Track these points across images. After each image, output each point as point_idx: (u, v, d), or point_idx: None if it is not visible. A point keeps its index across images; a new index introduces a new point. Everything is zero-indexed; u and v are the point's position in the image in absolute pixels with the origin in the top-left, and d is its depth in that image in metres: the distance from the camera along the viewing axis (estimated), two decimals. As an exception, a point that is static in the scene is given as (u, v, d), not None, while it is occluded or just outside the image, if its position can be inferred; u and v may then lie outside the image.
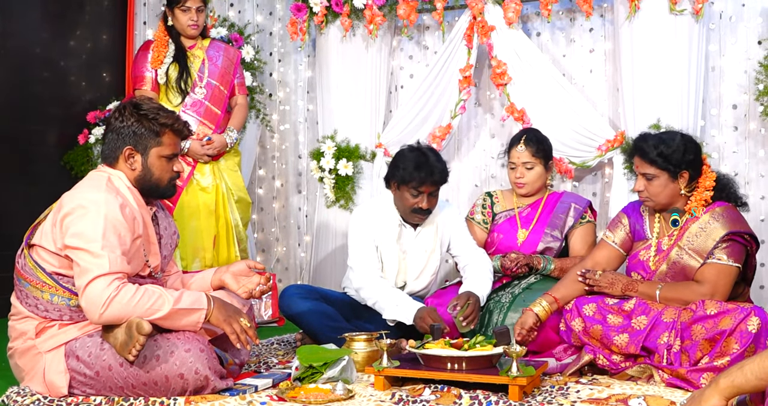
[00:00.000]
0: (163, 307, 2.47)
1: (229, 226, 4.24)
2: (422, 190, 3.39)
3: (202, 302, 2.55)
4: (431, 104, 4.53)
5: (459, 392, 2.55)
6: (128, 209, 2.56)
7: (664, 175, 2.87)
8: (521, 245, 3.61)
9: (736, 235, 2.83)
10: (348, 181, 4.68)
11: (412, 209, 3.44)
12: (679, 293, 2.82)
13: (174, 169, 2.70)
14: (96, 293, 2.41)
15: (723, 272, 2.81)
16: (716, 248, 2.83)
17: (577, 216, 3.63)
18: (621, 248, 3.08)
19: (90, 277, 2.42)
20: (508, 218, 3.69)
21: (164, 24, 4.21)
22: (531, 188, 3.64)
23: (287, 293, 3.51)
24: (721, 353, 2.61)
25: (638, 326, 2.81)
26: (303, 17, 4.71)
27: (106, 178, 2.61)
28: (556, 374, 2.90)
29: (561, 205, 3.65)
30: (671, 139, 2.90)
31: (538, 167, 3.61)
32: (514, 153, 3.63)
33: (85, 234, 2.45)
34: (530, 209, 3.67)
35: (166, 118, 2.65)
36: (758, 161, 4.13)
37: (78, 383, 2.53)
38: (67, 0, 5.30)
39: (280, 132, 5.29)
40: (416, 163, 3.37)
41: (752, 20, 4.13)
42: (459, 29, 4.41)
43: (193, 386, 2.48)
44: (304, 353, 2.82)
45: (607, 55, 4.40)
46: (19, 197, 4.80)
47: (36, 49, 5.05)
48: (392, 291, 3.42)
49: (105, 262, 2.43)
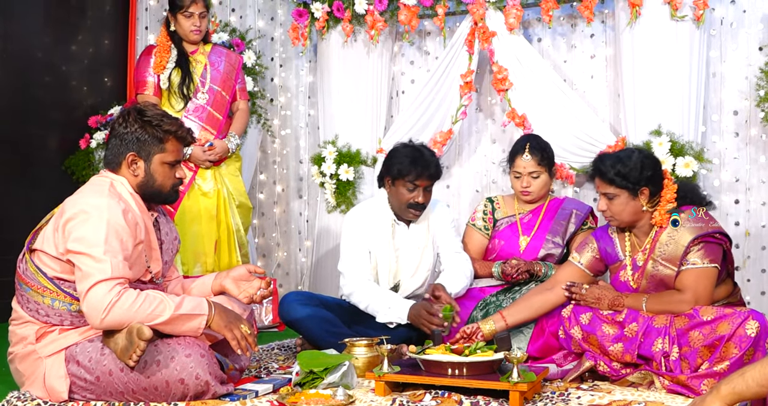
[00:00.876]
0: (164, 312, 2.47)
1: (230, 231, 4.23)
2: (418, 183, 3.45)
3: (203, 307, 2.55)
4: (432, 109, 4.54)
5: (460, 398, 2.55)
6: (130, 215, 2.56)
7: (624, 193, 2.89)
8: (523, 251, 3.61)
9: (705, 236, 2.83)
10: (349, 186, 4.68)
11: (408, 204, 3.49)
12: (664, 304, 2.81)
13: (177, 176, 2.70)
14: (97, 298, 2.41)
15: (701, 275, 2.81)
16: (689, 253, 2.83)
17: (578, 222, 3.62)
18: (587, 269, 3.10)
19: (92, 282, 2.42)
20: (510, 224, 3.68)
21: (166, 29, 4.20)
22: (537, 196, 3.65)
23: (287, 300, 3.51)
24: (721, 358, 2.61)
25: (630, 334, 2.81)
26: (304, 22, 4.72)
27: (109, 183, 2.61)
28: (557, 380, 2.90)
29: (562, 211, 3.65)
30: (628, 157, 2.91)
31: (543, 175, 3.61)
32: (519, 162, 3.60)
33: (87, 239, 2.45)
34: (531, 216, 3.67)
35: (169, 125, 2.65)
36: (759, 167, 4.13)
37: (78, 388, 2.53)
38: (69, 5, 5.32)
39: (281, 137, 5.29)
40: (412, 158, 3.44)
41: (753, 26, 4.14)
42: (460, 35, 4.42)
43: (194, 392, 2.48)
44: (305, 358, 2.81)
45: (608, 60, 4.41)
46: (20, 202, 4.80)
47: (38, 53, 5.06)
48: (383, 293, 3.44)
49: (107, 267, 2.43)
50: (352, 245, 3.56)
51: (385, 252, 3.56)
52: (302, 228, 5.25)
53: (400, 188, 3.48)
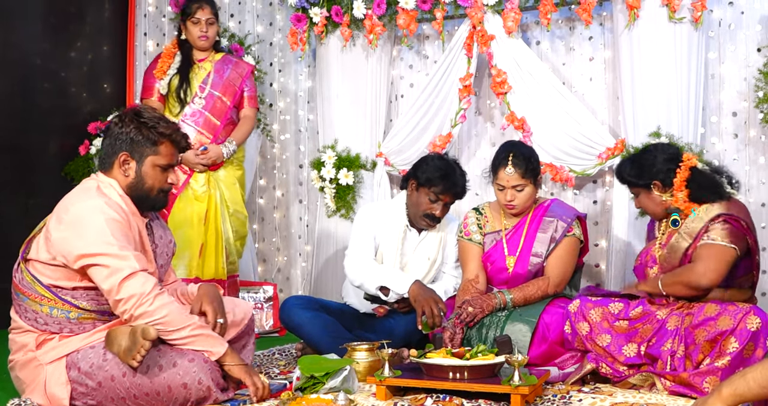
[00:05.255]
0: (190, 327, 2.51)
1: (219, 236, 4.21)
2: (441, 197, 3.49)
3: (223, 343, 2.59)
4: (431, 113, 4.53)
5: (461, 402, 2.55)
6: (122, 214, 2.56)
7: (641, 191, 3.12)
8: (511, 273, 3.39)
9: (729, 217, 2.87)
10: (349, 190, 4.68)
11: (424, 213, 3.52)
12: (677, 275, 2.90)
13: (168, 181, 2.69)
14: (137, 285, 2.45)
15: (717, 250, 2.84)
16: (709, 229, 2.88)
17: (562, 234, 3.37)
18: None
19: (124, 274, 2.44)
20: (495, 243, 3.45)
21: (177, 37, 4.35)
22: (522, 208, 3.41)
23: (287, 305, 3.51)
24: (721, 352, 2.63)
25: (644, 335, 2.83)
26: (303, 27, 4.72)
27: (95, 186, 2.61)
28: (559, 382, 2.89)
29: (546, 222, 3.40)
30: (641, 157, 3.15)
31: (528, 188, 3.35)
32: (502, 175, 3.34)
33: (96, 240, 2.45)
34: (515, 231, 3.44)
35: (165, 128, 2.65)
36: (759, 168, 4.13)
37: (79, 394, 2.52)
38: (68, 11, 5.32)
39: (280, 142, 5.29)
40: (444, 173, 3.49)
41: (751, 28, 4.14)
42: (459, 38, 4.42)
43: (196, 397, 2.48)
44: (306, 363, 2.81)
45: (607, 63, 4.41)
46: (20, 208, 4.80)
47: (37, 60, 5.06)
48: (385, 268, 3.51)
49: (132, 261, 2.46)
50: (361, 235, 3.60)
51: (390, 254, 3.57)
52: (302, 233, 5.24)
53: (422, 196, 3.51)
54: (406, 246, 3.61)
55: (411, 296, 3.34)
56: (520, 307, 3.23)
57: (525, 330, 3.11)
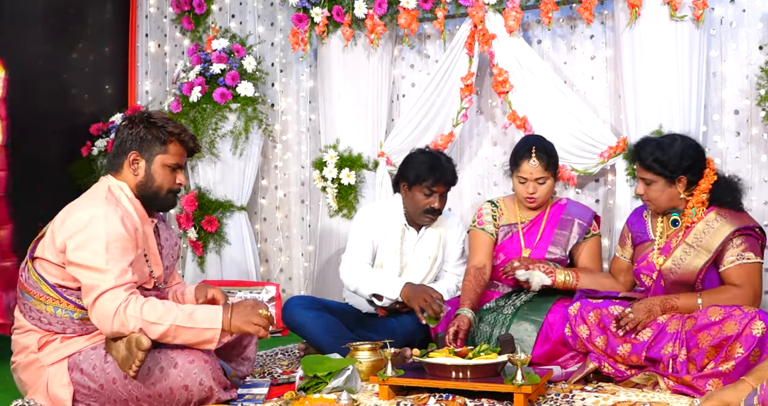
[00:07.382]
0: (176, 318, 2.44)
1: None
2: (435, 189, 3.50)
3: (216, 320, 2.48)
4: (433, 113, 4.53)
5: (464, 401, 2.55)
6: (129, 221, 2.55)
7: (661, 180, 2.92)
8: None
9: (746, 230, 2.85)
10: (351, 190, 4.68)
11: (424, 209, 3.54)
12: (722, 301, 2.76)
13: (177, 181, 2.71)
14: (105, 307, 2.41)
15: (753, 270, 2.83)
16: (730, 246, 2.83)
17: (581, 233, 3.48)
18: (630, 260, 3.20)
19: (97, 293, 2.42)
20: (511, 235, 3.53)
21: None
22: (542, 202, 3.49)
23: (290, 305, 3.52)
24: (726, 357, 2.60)
25: (642, 338, 2.81)
26: (304, 27, 4.72)
27: (106, 189, 2.61)
28: (561, 381, 2.89)
29: (564, 219, 3.50)
30: (669, 144, 2.92)
31: (549, 180, 3.44)
32: (525, 167, 3.40)
33: (87, 251, 2.44)
34: (533, 225, 3.52)
35: (174, 128, 2.68)
36: (761, 166, 4.13)
37: (82, 395, 2.52)
38: (70, 13, 5.32)
39: (282, 142, 5.30)
40: (430, 165, 3.50)
41: (753, 25, 4.13)
42: (460, 38, 4.42)
43: (198, 398, 2.47)
44: (309, 362, 2.81)
45: (609, 61, 4.40)
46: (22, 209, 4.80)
47: (38, 61, 5.07)
48: (378, 273, 3.52)
49: (110, 276, 2.43)
50: (358, 238, 3.62)
51: (390, 254, 3.57)
52: (304, 233, 5.24)
53: (416, 194, 3.53)
54: (405, 245, 3.63)
55: (404, 298, 3.36)
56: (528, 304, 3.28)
57: (531, 330, 3.12)
